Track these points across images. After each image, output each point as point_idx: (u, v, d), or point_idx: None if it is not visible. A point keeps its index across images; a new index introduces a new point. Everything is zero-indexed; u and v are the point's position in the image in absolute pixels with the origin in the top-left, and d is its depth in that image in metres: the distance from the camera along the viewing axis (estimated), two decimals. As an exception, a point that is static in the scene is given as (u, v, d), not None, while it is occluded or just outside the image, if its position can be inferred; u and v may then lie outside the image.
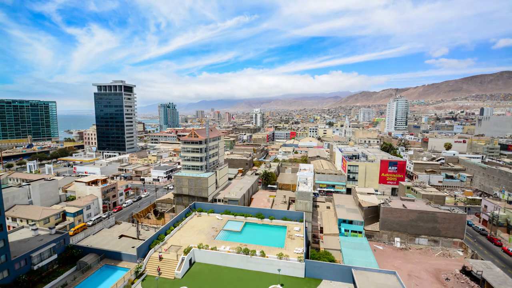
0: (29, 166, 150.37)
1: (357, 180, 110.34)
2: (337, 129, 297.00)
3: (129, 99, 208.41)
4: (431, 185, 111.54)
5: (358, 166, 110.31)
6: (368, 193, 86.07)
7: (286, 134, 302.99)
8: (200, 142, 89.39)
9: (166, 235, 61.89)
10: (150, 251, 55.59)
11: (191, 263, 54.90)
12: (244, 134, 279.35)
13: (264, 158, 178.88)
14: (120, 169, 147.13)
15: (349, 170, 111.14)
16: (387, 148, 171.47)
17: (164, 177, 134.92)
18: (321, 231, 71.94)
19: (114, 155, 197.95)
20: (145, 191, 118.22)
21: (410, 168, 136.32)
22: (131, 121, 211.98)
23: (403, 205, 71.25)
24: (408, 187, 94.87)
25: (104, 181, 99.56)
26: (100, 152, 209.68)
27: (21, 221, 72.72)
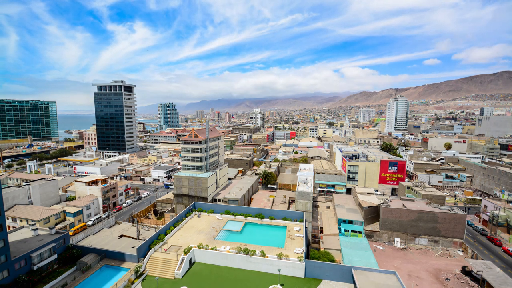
0: (29, 166, 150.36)
1: (357, 180, 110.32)
2: (337, 129, 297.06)
3: (129, 99, 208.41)
4: (431, 185, 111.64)
5: (358, 166, 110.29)
6: (368, 193, 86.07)
7: (286, 134, 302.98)
8: (200, 142, 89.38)
9: (166, 235, 61.89)
10: (150, 251, 55.59)
11: (191, 263, 54.90)
12: (244, 134, 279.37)
13: (264, 158, 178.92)
14: (120, 169, 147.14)
15: (349, 170, 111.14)
16: (387, 148, 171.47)
17: (164, 177, 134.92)
18: (321, 231, 71.94)
19: (114, 155, 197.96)
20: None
21: (410, 168, 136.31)
22: (131, 121, 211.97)
23: (403, 205, 71.26)
24: (408, 187, 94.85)
25: (104, 181, 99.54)
26: (100, 152, 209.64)
27: (21, 221, 72.71)
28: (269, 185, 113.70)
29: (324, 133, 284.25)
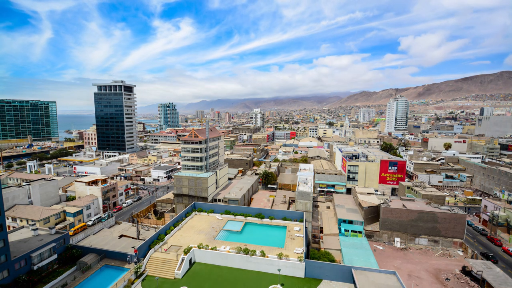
0: (29, 166, 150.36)
1: (357, 180, 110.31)
2: (337, 129, 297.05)
3: (129, 99, 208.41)
4: (431, 185, 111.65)
5: (358, 166, 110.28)
6: (368, 193, 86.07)
7: (286, 134, 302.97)
8: (200, 142, 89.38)
9: (166, 235, 61.88)
10: (150, 251, 55.59)
11: (191, 263, 54.89)
12: (244, 134, 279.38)
13: (264, 158, 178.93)
14: (120, 169, 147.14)
15: (349, 170, 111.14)
16: (387, 148, 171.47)
17: (164, 177, 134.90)
18: (321, 231, 71.93)
19: (114, 155, 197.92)
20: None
21: (410, 168, 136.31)
22: (131, 121, 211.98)
23: (403, 205, 71.25)
24: (408, 187, 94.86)
25: (104, 181, 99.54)
26: (100, 152, 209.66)
27: (21, 221, 72.69)
28: (269, 185, 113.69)
29: (324, 133, 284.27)
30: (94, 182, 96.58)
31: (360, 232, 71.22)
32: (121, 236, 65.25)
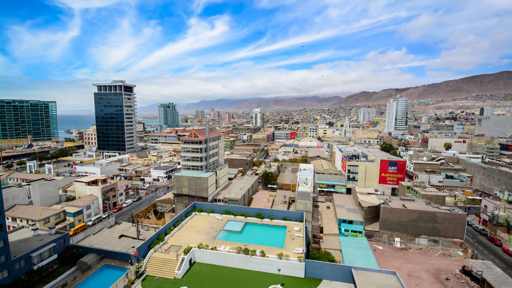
0: (29, 166, 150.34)
1: (357, 180, 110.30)
2: (337, 129, 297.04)
3: (129, 99, 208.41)
4: (431, 185, 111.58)
5: (358, 166, 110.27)
6: (368, 193, 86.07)
7: (286, 134, 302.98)
8: (200, 142, 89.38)
9: (166, 235, 61.89)
10: (150, 251, 55.59)
11: (191, 263, 54.90)
12: (244, 134, 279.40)
13: (264, 158, 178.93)
14: (120, 169, 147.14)
15: (349, 170, 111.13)
16: (387, 148, 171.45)
17: (164, 177, 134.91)
18: (321, 231, 71.92)
19: (114, 155, 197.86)
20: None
21: (410, 168, 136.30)
22: (131, 121, 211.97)
23: (403, 205, 71.24)
24: (408, 187, 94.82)
25: (104, 181, 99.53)
26: (100, 152, 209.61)
27: (21, 221, 72.69)
28: (269, 185, 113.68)
29: (324, 133, 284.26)
30: (94, 182, 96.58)
31: (360, 232, 71.20)
32: (121, 236, 65.23)
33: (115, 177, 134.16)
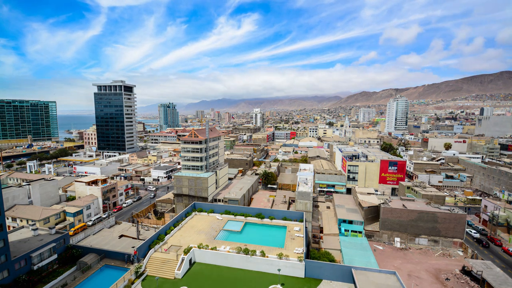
0: (29, 166, 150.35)
1: (357, 180, 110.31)
2: (337, 129, 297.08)
3: (129, 99, 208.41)
4: (431, 185, 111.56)
5: (358, 166, 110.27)
6: (368, 193, 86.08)
7: (286, 134, 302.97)
8: (200, 142, 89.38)
9: (166, 235, 61.88)
10: (150, 251, 55.59)
11: (191, 263, 54.89)
12: (244, 134, 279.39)
13: (264, 158, 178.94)
14: (120, 169, 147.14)
15: (349, 170, 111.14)
16: (387, 148, 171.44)
17: (164, 177, 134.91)
18: (321, 231, 71.93)
19: (114, 155, 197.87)
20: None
21: (410, 168, 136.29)
22: (131, 121, 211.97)
23: (403, 205, 71.25)
24: (408, 187, 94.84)
25: (104, 181, 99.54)
26: (100, 152, 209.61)
27: (21, 221, 72.69)
28: (269, 185, 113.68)
29: (324, 133, 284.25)
30: (94, 182, 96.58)
31: (360, 232, 71.21)
32: (121, 236, 65.23)
33: (115, 177, 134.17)
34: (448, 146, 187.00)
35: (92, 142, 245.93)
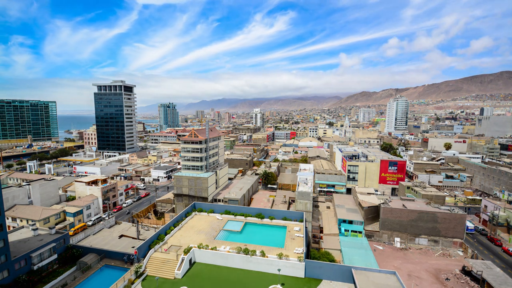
0: (29, 166, 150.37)
1: (357, 180, 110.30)
2: (337, 129, 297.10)
3: (129, 99, 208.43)
4: (431, 185, 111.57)
5: (358, 166, 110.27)
6: (368, 193, 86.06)
7: (286, 134, 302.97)
8: (200, 142, 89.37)
9: (166, 235, 61.88)
10: (150, 251, 55.58)
11: (191, 263, 54.89)
12: (244, 134, 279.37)
13: (264, 158, 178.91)
14: (120, 169, 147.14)
15: (349, 170, 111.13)
16: (387, 148, 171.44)
17: (164, 177, 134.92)
18: (321, 231, 71.93)
19: (114, 155, 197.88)
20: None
21: (410, 168, 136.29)
22: (131, 121, 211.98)
23: (403, 205, 71.24)
24: (408, 187, 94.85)
25: (104, 181, 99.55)
26: (100, 152, 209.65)
27: (21, 221, 72.71)
28: (269, 185, 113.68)
29: (324, 133, 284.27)
30: (94, 182, 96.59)
31: (360, 232, 71.19)
32: (121, 236, 65.23)
33: (115, 177, 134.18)
34: (448, 146, 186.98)
35: (92, 142, 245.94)
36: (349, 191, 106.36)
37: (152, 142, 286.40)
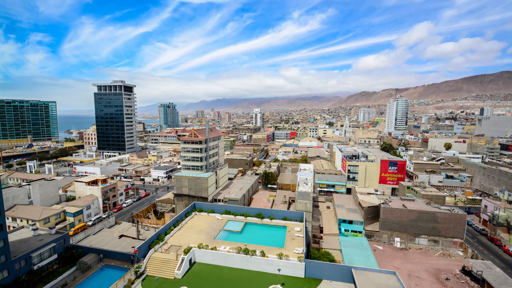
0: (29, 166, 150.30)
1: (357, 180, 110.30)
2: (337, 129, 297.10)
3: (129, 99, 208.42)
4: (431, 185, 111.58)
5: (358, 166, 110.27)
6: (368, 193, 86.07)
7: (286, 134, 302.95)
8: (200, 142, 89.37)
9: (166, 235, 61.88)
10: (150, 251, 55.58)
11: (191, 263, 54.89)
12: (244, 134, 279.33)
13: (264, 158, 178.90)
14: (120, 169, 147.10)
15: (349, 170, 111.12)
16: (387, 148, 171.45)
17: (164, 177, 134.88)
18: (321, 231, 71.92)
19: (114, 155, 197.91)
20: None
21: (410, 168, 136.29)
22: (131, 121, 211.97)
23: (403, 205, 71.25)
24: (408, 187, 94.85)
25: (104, 181, 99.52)
26: (100, 152, 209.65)
27: (21, 221, 72.69)
28: (269, 185, 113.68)
29: (324, 133, 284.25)
30: (94, 182, 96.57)
31: (360, 232, 71.20)
32: (121, 236, 65.26)
33: (115, 177, 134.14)
34: (448, 146, 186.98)
35: (92, 142, 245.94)
36: (349, 191, 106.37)
37: (152, 142, 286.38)
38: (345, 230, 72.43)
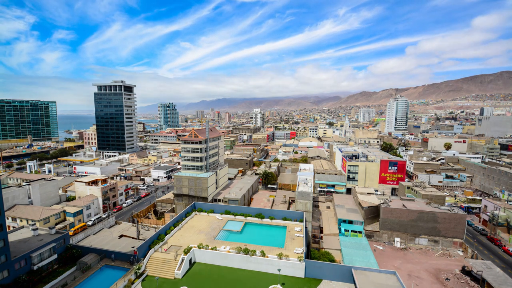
0: (29, 166, 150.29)
1: (357, 180, 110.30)
2: (337, 129, 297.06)
3: (129, 99, 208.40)
4: (431, 185, 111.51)
5: (358, 166, 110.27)
6: (368, 193, 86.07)
7: (286, 134, 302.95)
8: (200, 142, 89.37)
9: (166, 235, 61.88)
10: (150, 251, 55.58)
11: (191, 263, 54.89)
12: (244, 134, 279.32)
13: (264, 158, 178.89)
14: (120, 169, 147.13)
15: (349, 170, 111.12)
16: (387, 148, 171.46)
17: (164, 177, 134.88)
18: (321, 231, 71.92)
19: (114, 155, 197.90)
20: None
21: (410, 168, 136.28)
22: (131, 121, 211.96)
23: (403, 205, 71.26)
24: (408, 187, 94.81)
25: (104, 181, 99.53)
26: (100, 152, 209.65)
27: (21, 221, 72.68)
28: (269, 185, 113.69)
29: (324, 133, 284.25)
30: (94, 182, 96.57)
31: (360, 232, 71.20)
32: (121, 236, 65.26)
33: (115, 177, 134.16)
34: (448, 146, 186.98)
35: (92, 142, 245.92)
36: (349, 191, 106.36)
37: (152, 142, 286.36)
38: (345, 230, 72.43)
